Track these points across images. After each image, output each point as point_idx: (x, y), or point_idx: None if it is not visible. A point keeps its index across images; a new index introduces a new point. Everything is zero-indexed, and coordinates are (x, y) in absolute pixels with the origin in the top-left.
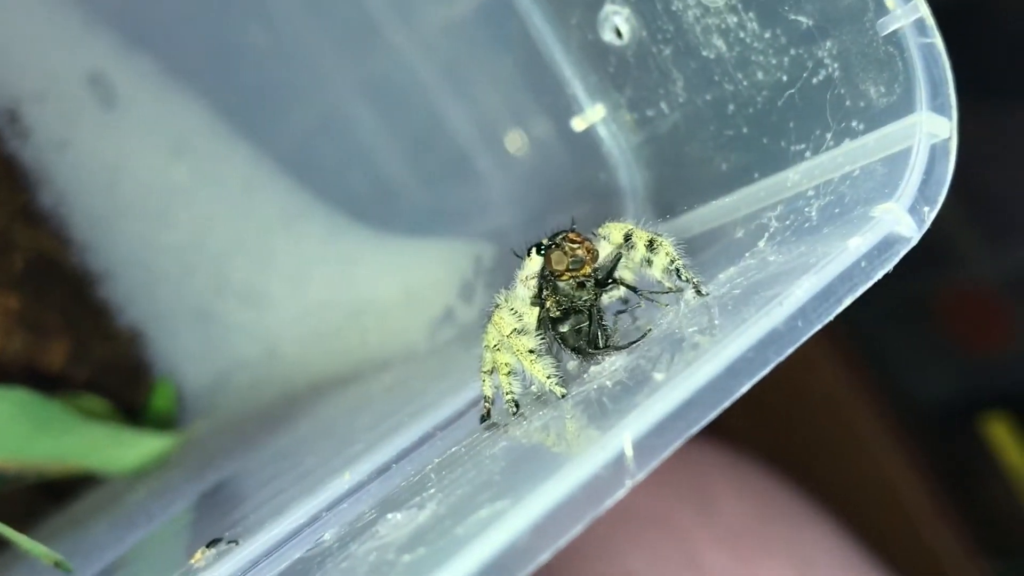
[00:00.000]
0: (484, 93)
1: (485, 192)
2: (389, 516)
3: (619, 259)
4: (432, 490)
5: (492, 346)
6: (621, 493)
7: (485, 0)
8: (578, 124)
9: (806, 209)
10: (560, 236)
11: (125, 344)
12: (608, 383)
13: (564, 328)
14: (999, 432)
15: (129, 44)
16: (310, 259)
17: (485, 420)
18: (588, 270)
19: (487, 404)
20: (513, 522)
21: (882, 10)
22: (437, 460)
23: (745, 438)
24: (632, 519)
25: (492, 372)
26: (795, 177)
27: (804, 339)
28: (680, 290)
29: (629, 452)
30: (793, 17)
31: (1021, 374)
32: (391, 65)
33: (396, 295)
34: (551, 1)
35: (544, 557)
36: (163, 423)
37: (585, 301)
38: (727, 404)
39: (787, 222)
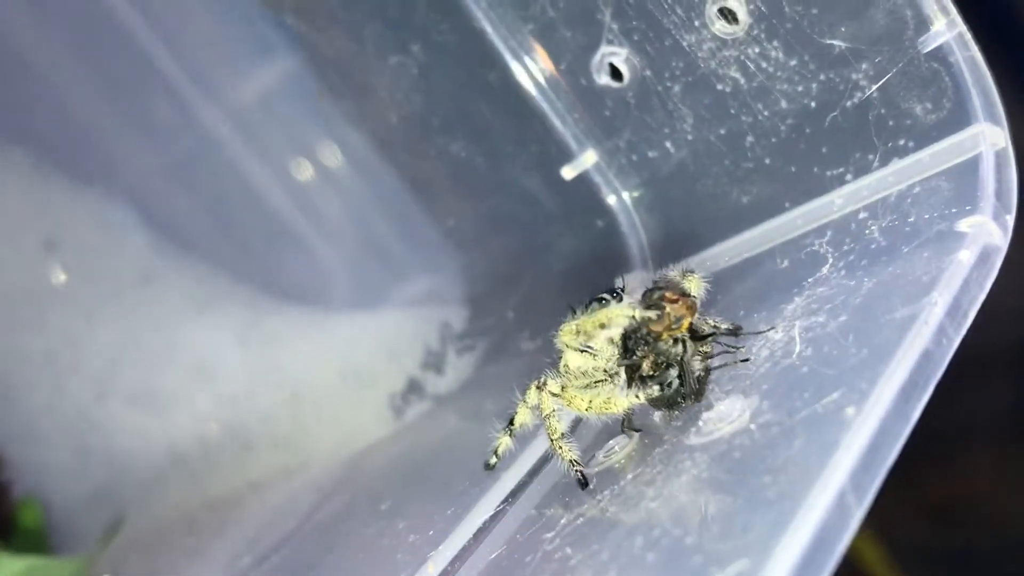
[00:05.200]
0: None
1: (451, 255)
2: None
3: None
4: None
5: (552, 413)
6: (850, 534)
7: (465, 48)
8: (567, 172)
9: (865, 231)
10: (657, 295)
11: None
12: (749, 427)
13: (654, 386)
14: None
15: None
16: (223, 348)
17: (585, 485)
18: (688, 324)
19: (578, 467)
20: None
21: (922, 28)
22: (551, 535)
23: None
24: None
25: (564, 436)
26: (839, 201)
27: (950, 354)
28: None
29: None
30: (827, 42)
31: None
32: (329, 124)
33: (335, 375)
34: (538, 48)
35: None
36: (33, 545)
37: (677, 355)
38: (908, 430)
39: (845, 247)
